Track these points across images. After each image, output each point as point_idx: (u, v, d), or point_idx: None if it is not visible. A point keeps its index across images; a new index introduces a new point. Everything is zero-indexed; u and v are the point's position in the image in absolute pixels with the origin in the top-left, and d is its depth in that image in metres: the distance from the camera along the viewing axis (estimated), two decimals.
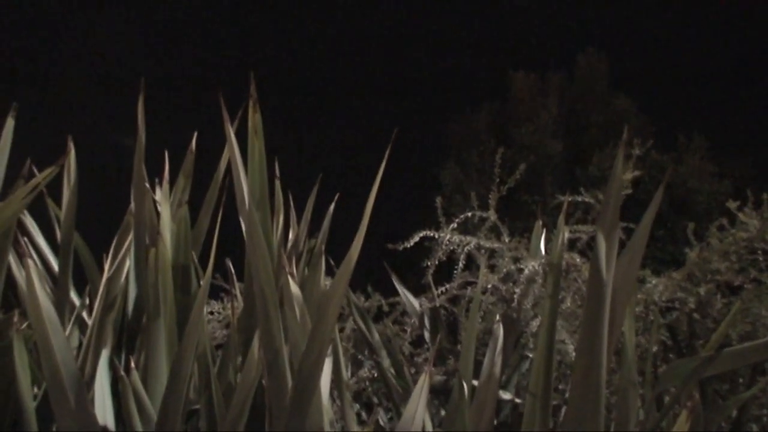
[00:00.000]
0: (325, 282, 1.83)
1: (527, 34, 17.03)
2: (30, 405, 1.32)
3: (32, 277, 1.26)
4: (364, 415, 2.57)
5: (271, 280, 1.29)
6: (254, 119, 1.60)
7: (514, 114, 15.14)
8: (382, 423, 2.57)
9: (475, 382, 1.88)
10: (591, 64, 15.91)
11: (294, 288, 1.45)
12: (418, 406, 1.28)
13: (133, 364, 1.46)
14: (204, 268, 2.05)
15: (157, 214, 2.05)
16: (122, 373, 1.38)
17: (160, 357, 1.67)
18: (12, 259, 1.81)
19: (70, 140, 2.14)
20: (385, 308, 2.81)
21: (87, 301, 2.01)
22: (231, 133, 1.35)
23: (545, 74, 15.80)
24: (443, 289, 2.57)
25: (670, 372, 1.93)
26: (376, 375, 2.48)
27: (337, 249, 1.97)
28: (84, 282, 2.17)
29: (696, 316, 2.50)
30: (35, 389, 1.58)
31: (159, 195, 2.09)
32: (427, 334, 2.70)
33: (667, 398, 2.16)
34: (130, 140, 2.11)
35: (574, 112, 15.38)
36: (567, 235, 2.27)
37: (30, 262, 1.30)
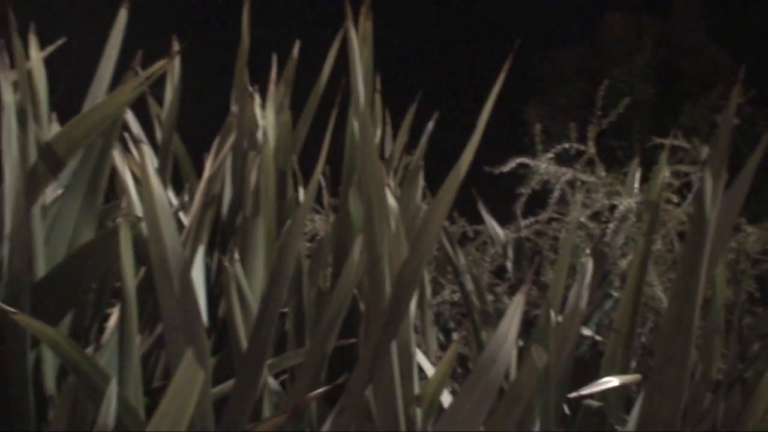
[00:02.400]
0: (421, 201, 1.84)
1: None
2: (132, 287, 1.35)
3: (146, 161, 1.28)
4: (440, 337, 2.59)
5: (379, 183, 1.30)
6: (365, 26, 1.59)
7: (606, 55, 14.84)
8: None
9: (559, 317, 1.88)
10: (689, 11, 15.48)
11: (391, 200, 1.45)
12: (512, 324, 1.28)
13: (237, 256, 1.49)
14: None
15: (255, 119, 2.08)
16: (226, 263, 1.41)
17: (257, 257, 1.70)
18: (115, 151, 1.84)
19: (175, 39, 2.16)
20: (470, 234, 2.81)
21: (185, 200, 2.05)
22: (351, 27, 1.35)
23: (640, 17, 15.42)
24: (531, 220, 2.57)
25: (762, 320, 1.90)
26: (456, 299, 2.49)
27: (428, 170, 1.97)
28: (178, 184, 2.21)
29: None
30: None
31: (258, 99, 2.11)
32: (509, 265, 2.70)
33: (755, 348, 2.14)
34: (233, 43, 2.13)
35: (668, 58, 15.01)
36: (667, 174, 2.24)
37: (145, 147, 1.33)
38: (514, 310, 1.31)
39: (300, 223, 1.40)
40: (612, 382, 1.77)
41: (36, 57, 1.71)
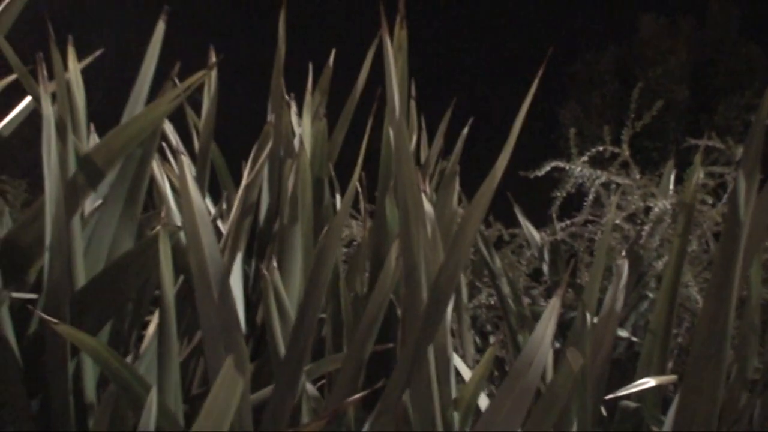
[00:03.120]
0: (456, 205, 1.85)
1: None
2: (171, 296, 1.36)
3: (185, 172, 1.30)
4: (477, 340, 2.59)
5: (415, 189, 1.31)
6: (400, 35, 1.61)
7: (641, 57, 14.79)
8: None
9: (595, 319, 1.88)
10: (723, 11, 15.38)
11: (427, 206, 1.46)
12: (548, 327, 1.29)
13: (275, 264, 1.50)
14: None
15: (292, 127, 2.10)
16: (265, 271, 1.42)
17: (295, 263, 1.72)
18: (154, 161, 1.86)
19: (212, 49, 2.19)
20: (506, 238, 2.82)
21: (224, 207, 2.07)
22: (387, 37, 1.36)
23: (675, 18, 15.35)
24: (566, 223, 2.57)
25: None
26: (493, 302, 2.50)
27: (463, 175, 1.98)
28: (215, 193, 2.23)
29: None
30: None
31: (294, 108, 2.14)
32: (545, 267, 2.70)
33: None
34: (270, 53, 2.15)
35: (702, 58, 14.93)
36: (701, 175, 2.23)
37: (184, 158, 1.34)
38: (550, 313, 1.31)
39: (337, 229, 1.41)
40: (648, 382, 1.76)
41: (74, 68, 1.73)
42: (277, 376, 1.42)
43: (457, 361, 1.70)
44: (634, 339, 2.33)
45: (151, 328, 1.70)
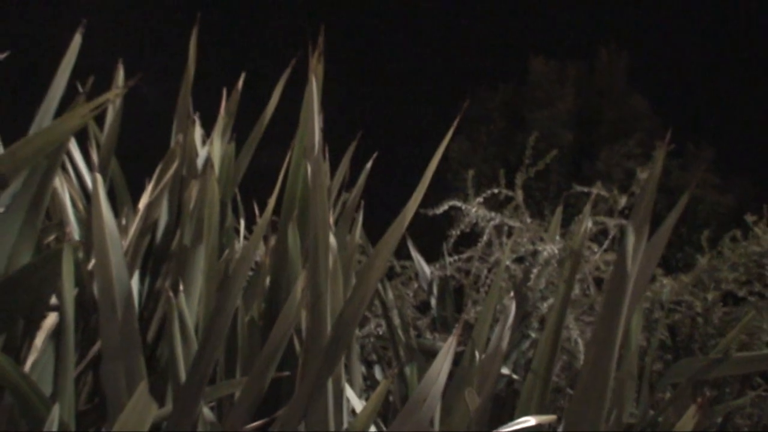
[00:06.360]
0: (357, 238, 1.87)
1: (551, 19, 17.03)
2: (71, 312, 1.35)
3: (99, 189, 1.30)
4: (363, 369, 2.62)
5: (326, 224, 1.34)
6: (317, 69, 1.64)
7: (529, 98, 15.17)
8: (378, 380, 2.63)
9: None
10: (611, 60, 15.89)
11: (331, 239, 1.49)
12: (443, 364, 1.33)
13: (182, 287, 1.50)
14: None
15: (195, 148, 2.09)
16: (170, 293, 1.42)
17: (195, 284, 1.71)
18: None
19: (121, 63, 2.18)
20: (398, 270, 2.87)
21: (122, 224, 2.05)
22: (312, 75, 1.39)
23: (565, 63, 15.78)
24: (454, 258, 2.63)
25: (675, 369, 1.98)
26: (381, 333, 2.53)
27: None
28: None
29: (699, 320, 2.57)
30: None
31: (200, 129, 2.14)
32: (433, 301, 2.76)
33: (668, 395, 2.22)
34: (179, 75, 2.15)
35: (588, 105, 15.37)
36: (590, 224, 2.32)
37: (98, 175, 1.34)
38: (447, 351, 1.36)
39: (248, 258, 1.42)
40: (529, 421, 1.82)
41: None
42: (175, 399, 1.42)
43: (348, 392, 1.72)
44: (515, 377, 2.40)
45: (39, 340, 1.68)
